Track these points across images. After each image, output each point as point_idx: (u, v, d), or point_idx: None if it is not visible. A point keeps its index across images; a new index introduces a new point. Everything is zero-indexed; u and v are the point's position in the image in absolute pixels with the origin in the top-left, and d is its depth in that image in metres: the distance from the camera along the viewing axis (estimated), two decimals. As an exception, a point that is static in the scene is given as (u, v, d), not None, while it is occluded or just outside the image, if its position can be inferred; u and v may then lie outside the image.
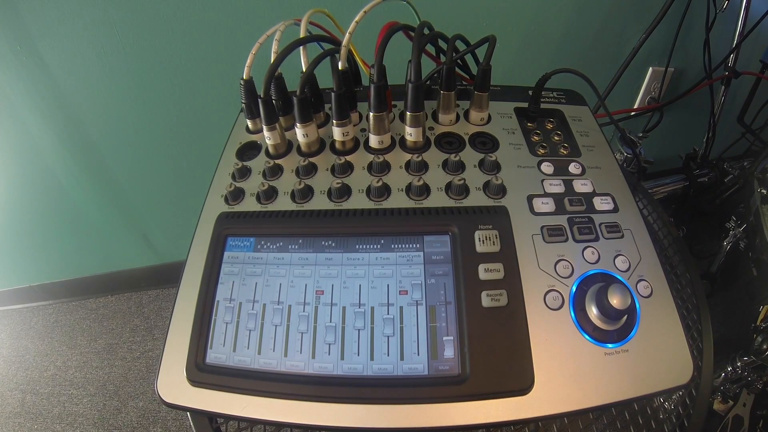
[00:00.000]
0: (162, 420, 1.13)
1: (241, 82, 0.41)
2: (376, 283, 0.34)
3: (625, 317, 0.32)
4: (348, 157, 0.41)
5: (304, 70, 0.41)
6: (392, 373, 0.31)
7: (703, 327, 0.44)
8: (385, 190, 0.39)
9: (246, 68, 0.40)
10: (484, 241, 0.35)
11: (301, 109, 0.40)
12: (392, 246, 0.35)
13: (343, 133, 0.41)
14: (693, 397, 0.40)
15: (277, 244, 0.37)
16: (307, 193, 0.39)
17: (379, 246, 0.35)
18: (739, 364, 0.65)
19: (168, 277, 1.37)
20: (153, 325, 1.33)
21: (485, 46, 0.40)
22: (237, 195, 0.40)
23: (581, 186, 0.39)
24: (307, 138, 0.41)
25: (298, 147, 0.43)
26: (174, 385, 0.33)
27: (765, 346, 0.63)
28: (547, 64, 0.97)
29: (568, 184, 0.39)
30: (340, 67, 0.39)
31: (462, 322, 0.32)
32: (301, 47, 0.40)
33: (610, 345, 0.32)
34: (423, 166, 0.40)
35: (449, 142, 0.42)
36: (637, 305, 0.33)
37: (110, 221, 1.18)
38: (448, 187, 0.39)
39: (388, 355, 0.32)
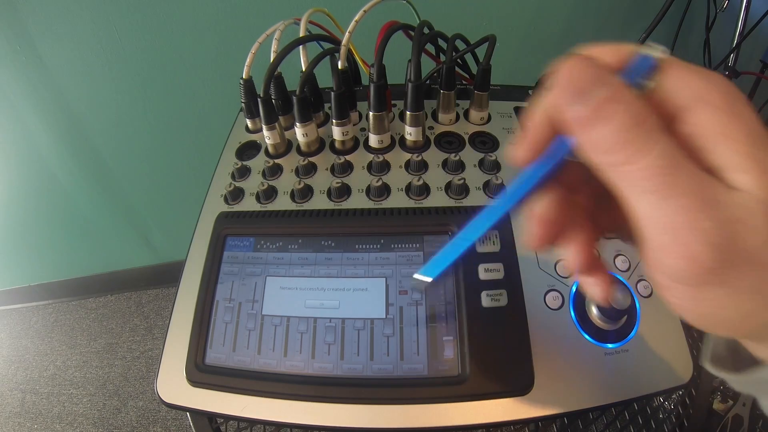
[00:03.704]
0: (162, 420, 1.13)
1: (241, 81, 0.41)
2: (375, 282, 0.34)
3: (625, 317, 0.32)
4: (348, 157, 0.41)
5: (303, 69, 0.40)
6: (392, 373, 0.31)
7: (703, 327, 0.44)
8: (384, 190, 0.39)
9: (245, 67, 0.40)
10: (484, 241, 0.35)
11: (300, 109, 0.39)
12: (392, 246, 0.35)
13: (343, 133, 0.41)
14: (693, 396, 0.40)
15: (277, 244, 0.37)
16: (306, 192, 0.39)
17: (378, 246, 0.35)
18: (739, 363, 0.65)
19: (168, 276, 1.37)
20: (153, 324, 1.33)
21: (485, 46, 0.39)
22: (236, 195, 0.40)
23: (581, 186, 0.39)
24: (307, 137, 0.41)
25: (298, 146, 0.43)
26: (173, 385, 0.33)
27: (765, 346, 0.63)
28: (548, 63, 0.96)
29: (568, 184, 0.39)
30: (339, 67, 0.39)
31: (462, 323, 0.32)
32: (300, 46, 0.40)
33: (610, 345, 0.32)
34: (423, 166, 0.40)
35: (449, 142, 0.42)
36: (637, 305, 0.33)
37: (110, 221, 1.18)
38: (448, 187, 0.38)
39: (388, 355, 0.32)
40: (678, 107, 0.15)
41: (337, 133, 0.41)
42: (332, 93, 0.39)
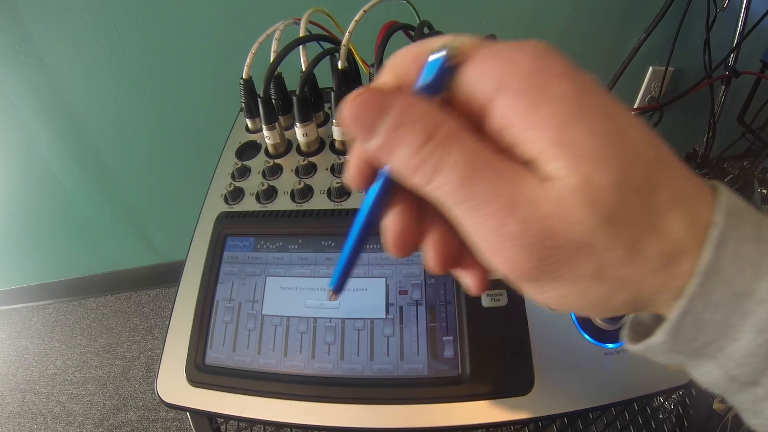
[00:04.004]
0: (162, 419, 1.13)
1: (241, 81, 0.41)
2: (375, 282, 0.34)
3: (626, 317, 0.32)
4: (348, 157, 0.41)
5: (303, 69, 0.40)
6: (392, 373, 0.31)
7: (703, 327, 0.44)
8: (384, 190, 0.38)
9: (245, 67, 0.40)
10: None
11: (300, 109, 0.39)
12: (392, 246, 0.35)
13: (343, 133, 0.41)
14: (693, 396, 0.40)
15: (277, 244, 0.37)
16: (306, 192, 0.39)
17: (379, 245, 0.35)
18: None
19: (168, 276, 1.37)
20: (153, 324, 1.33)
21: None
22: (236, 195, 0.40)
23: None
24: (307, 137, 0.41)
25: (298, 146, 0.43)
26: (173, 385, 0.33)
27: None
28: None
29: (568, 184, 0.39)
30: (339, 67, 0.39)
31: (462, 322, 0.32)
32: (300, 46, 0.40)
33: (610, 345, 0.32)
34: (423, 166, 0.40)
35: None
36: (638, 305, 0.33)
37: (110, 221, 1.18)
38: (448, 187, 0.38)
39: (388, 355, 0.32)
40: (484, 101, 0.13)
41: (337, 132, 0.41)
42: (332, 93, 0.39)
